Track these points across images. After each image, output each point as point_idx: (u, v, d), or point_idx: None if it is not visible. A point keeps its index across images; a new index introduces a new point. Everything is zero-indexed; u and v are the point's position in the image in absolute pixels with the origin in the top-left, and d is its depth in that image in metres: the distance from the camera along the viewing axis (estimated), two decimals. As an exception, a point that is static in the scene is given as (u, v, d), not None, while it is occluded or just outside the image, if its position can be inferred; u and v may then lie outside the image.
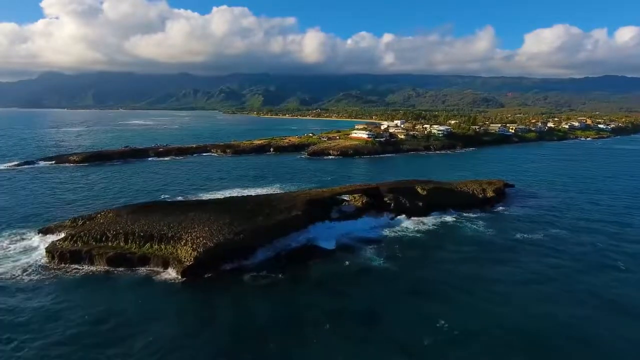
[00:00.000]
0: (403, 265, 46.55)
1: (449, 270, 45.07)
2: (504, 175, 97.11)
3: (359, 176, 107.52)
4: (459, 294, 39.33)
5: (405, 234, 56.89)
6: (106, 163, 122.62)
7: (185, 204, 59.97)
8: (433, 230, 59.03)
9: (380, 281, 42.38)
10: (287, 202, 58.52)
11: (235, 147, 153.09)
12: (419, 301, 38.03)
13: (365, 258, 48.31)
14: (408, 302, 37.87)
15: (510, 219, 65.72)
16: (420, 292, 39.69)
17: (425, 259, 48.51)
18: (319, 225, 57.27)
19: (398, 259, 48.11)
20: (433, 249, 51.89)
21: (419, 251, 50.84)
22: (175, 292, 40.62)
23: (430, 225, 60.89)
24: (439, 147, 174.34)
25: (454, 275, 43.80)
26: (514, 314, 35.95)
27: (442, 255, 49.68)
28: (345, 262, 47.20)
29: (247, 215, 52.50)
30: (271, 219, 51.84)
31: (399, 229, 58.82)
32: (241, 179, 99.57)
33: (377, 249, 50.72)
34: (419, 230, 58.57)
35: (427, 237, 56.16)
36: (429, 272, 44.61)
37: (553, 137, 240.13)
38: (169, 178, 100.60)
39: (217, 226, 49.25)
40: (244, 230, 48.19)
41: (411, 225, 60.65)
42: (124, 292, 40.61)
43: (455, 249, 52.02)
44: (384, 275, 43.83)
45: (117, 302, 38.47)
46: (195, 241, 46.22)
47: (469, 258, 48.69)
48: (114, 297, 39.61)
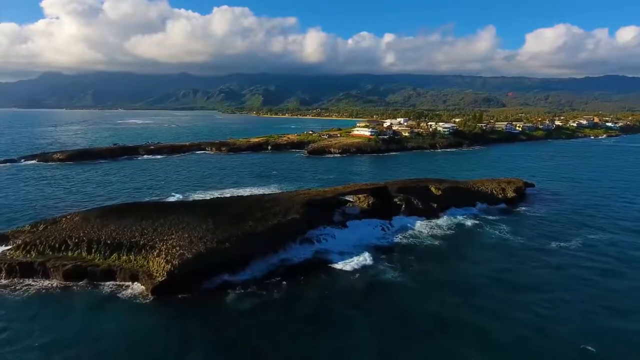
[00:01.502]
0: (421, 280, 38.56)
1: (478, 289, 37.03)
2: (518, 174, 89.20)
3: (363, 175, 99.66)
4: (499, 325, 30.91)
5: (420, 240, 48.91)
6: (92, 161, 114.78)
7: (166, 206, 52.06)
8: (451, 235, 51.05)
9: (395, 305, 34.26)
10: (283, 204, 50.62)
11: (231, 145, 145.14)
12: (445, 337, 29.28)
13: (376, 270, 40.35)
14: (432, 337, 29.41)
15: (537, 222, 57.75)
16: (445, 322, 31.34)
17: (447, 273, 40.51)
18: (321, 231, 49.37)
19: (414, 273, 40.13)
20: (454, 259, 43.92)
21: (438, 262, 42.84)
22: (141, 314, 32.80)
23: (446, 230, 52.94)
24: (445, 145, 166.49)
25: (486, 295, 35.76)
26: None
27: (466, 268, 41.68)
28: (352, 275, 39.25)
29: (235, 219, 44.57)
30: (263, 224, 43.89)
31: (411, 234, 50.85)
32: (235, 178, 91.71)
33: (389, 259, 42.74)
34: (434, 235, 50.57)
35: (445, 244, 48.18)
36: (454, 291, 36.50)
37: (561, 135, 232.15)
38: (157, 177, 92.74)
39: (198, 232, 41.36)
40: (230, 238, 40.26)
41: (425, 229, 52.72)
42: (80, 314, 32.86)
43: (481, 258, 44.07)
44: (399, 296, 35.73)
45: (69, 327, 30.83)
46: (170, 251, 38.30)
47: (499, 272, 40.66)
48: (67, 320, 31.88)
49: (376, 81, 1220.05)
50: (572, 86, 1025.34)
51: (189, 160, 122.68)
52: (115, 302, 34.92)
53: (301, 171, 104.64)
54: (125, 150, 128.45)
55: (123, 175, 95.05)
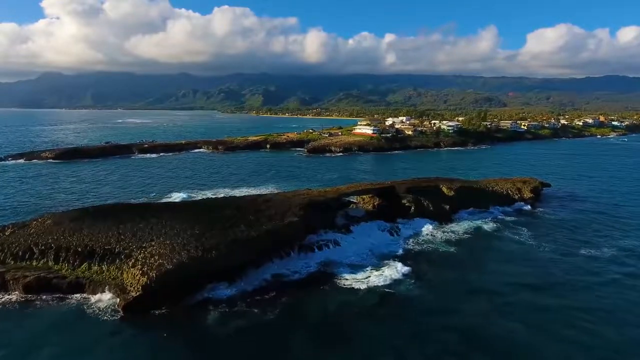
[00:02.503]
0: (439, 293, 33.31)
1: (505, 303, 31.80)
2: (531, 174, 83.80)
3: (366, 174, 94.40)
4: (533, 342, 25.99)
5: (434, 247, 43.58)
6: (82, 160, 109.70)
7: (150, 208, 46.70)
8: (467, 241, 45.71)
9: (416, 321, 29.06)
10: (280, 205, 45.39)
11: (228, 144, 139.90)
12: (476, 355, 24.61)
13: (387, 280, 35.03)
14: (462, 358, 24.49)
15: (560, 225, 52.44)
16: (473, 338, 26.31)
17: (468, 284, 35.21)
18: (322, 236, 44.13)
19: (431, 284, 34.84)
20: (474, 269, 38.59)
21: (457, 272, 37.51)
22: (108, 335, 27.65)
23: (462, 234, 47.63)
24: (450, 144, 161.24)
25: (514, 310, 30.57)
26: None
27: (489, 279, 36.35)
28: (359, 287, 33.96)
29: (225, 224, 39.33)
30: (256, 229, 38.62)
31: (424, 239, 45.54)
32: (230, 178, 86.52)
33: (402, 269, 37.38)
34: (449, 241, 45.24)
35: (462, 251, 42.85)
36: (479, 306, 31.27)
37: (568, 134, 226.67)
38: (148, 177, 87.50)
39: (182, 239, 36.12)
40: (218, 245, 35.00)
41: (438, 233, 47.46)
42: (38, 334, 27.84)
43: (503, 268, 38.74)
44: (416, 312, 30.48)
45: (22, 349, 25.74)
46: (147, 261, 33.05)
47: (525, 284, 35.34)
48: (20, 341, 26.77)
49: (376, 81, 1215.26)
50: (572, 86, 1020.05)
51: (184, 159, 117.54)
52: (80, 320, 29.77)
53: (300, 170, 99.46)
54: (117, 148, 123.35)
55: (113, 174, 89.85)
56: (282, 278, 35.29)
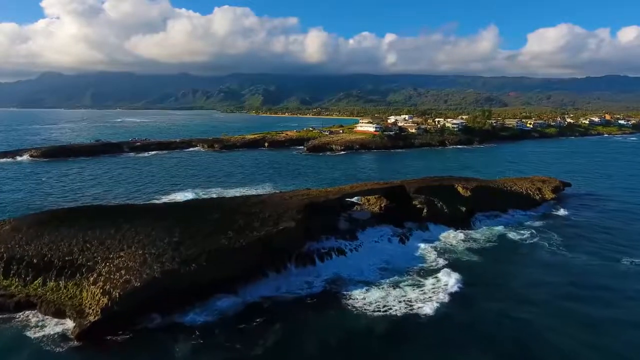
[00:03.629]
0: (476, 316, 27.28)
1: (547, 325, 25.94)
2: (545, 172, 77.97)
3: (369, 173, 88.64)
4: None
5: (456, 256, 37.51)
6: (69, 159, 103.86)
7: (125, 210, 40.87)
8: (492, 250, 39.72)
9: (449, 355, 23.21)
10: (276, 207, 39.58)
11: (225, 142, 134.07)
12: None
13: (403, 303, 29.09)
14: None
15: (591, 229, 46.64)
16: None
17: (502, 302, 29.19)
18: (324, 243, 38.32)
19: (464, 304, 28.55)
20: (507, 283, 32.56)
21: (489, 288, 31.43)
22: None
23: (484, 242, 41.62)
24: (455, 142, 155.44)
25: (559, 333, 24.71)
26: None
27: (525, 295, 30.26)
28: (368, 311, 28.01)
29: (209, 229, 33.52)
30: (246, 236, 32.78)
31: (442, 247, 39.57)
32: (224, 177, 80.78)
33: (418, 284, 31.49)
34: (471, 249, 39.27)
35: (488, 261, 36.85)
36: (519, 327, 25.41)
37: (575, 133, 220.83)
38: (136, 176, 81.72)
39: (157, 248, 30.32)
40: (198, 257, 29.18)
41: (458, 240, 41.54)
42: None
43: (540, 282, 32.80)
44: (456, 344, 24.38)
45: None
46: (112, 276, 27.25)
47: (567, 300, 29.53)
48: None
49: (377, 81, 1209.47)
50: (573, 86, 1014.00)
51: (177, 157, 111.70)
52: (24, 349, 24.01)
53: (300, 169, 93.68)
54: (107, 147, 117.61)
55: (99, 173, 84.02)
56: (275, 298, 29.37)
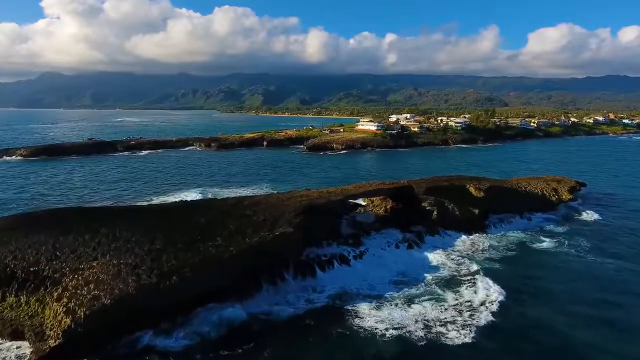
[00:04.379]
0: (507, 346, 23.16)
1: (590, 353, 22.04)
2: (554, 172, 74.19)
3: (372, 173, 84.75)
4: None
5: (475, 267, 32.79)
6: (60, 158, 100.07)
7: (106, 213, 36.99)
8: (514, 258, 35.49)
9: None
10: (272, 210, 35.69)
11: (222, 141, 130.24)
12: None
13: (421, 323, 25.04)
14: None
15: (616, 233, 42.74)
16: None
17: (534, 322, 25.18)
18: (325, 250, 34.45)
19: (489, 330, 24.43)
20: (537, 299, 28.26)
21: (520, 305, 26.90)
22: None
23: (504, 249, 37.38)
24: (459, 141, 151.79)
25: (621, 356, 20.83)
26: None
27: (560, 314, 26.11)
28: (380, 333, 23.97)
29: (194, 235, 29.63)
30: (237, 243, 28.87)
31: (457, 255, 35.48)
32: (218, 177, 76.89)
33: (437, 300, 27.46)
34: (491, 258, 35.10)
35: (512, 273, 32.40)
36: (559, 354, 21.47)
37: (579, 132, 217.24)
38: (127, 176, 77.85)
39: (134, 257, 26.42)
40: (180, 269, 25.25)
41: (473, 247, 37.47)
42: None
43: (575, 298, 28.50)
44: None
45: None
46: (79, 292, 23.34)
47: (612, 319, 25.57)
48: None
49: (377, 81, 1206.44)
50: (573, 86, 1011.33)
51: (172, 157, 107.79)
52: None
53: (299, 169, 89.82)
54: (100, 146, 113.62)
55: (88, 173, 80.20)
56: (270, 315, 25.40)
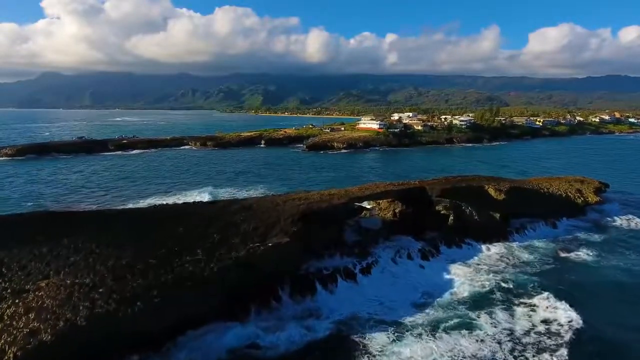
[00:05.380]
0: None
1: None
2: (570, 172, 69.12)
3: (376, 173, 79.76)
4: None
5: (508, 285, 27.50)
6: (47, 157, 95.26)
7: (75, 218, 31.91)
8: (552, 274, 29.67)
9: None
10: (265, 215, 30.68)
11: (218, 140, 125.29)
12: None
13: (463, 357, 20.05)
14: None
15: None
16: None
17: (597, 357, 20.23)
18: (327, 262, 29.44)
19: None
20: (591, 320, 23.40)
21: (573, 343, 21.93)
22: None
23: (538, 262, 31.79)
24: (464, 140, 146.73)
25: None
26: None
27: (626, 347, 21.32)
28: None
29: (171, 247, 24.59)
30: (220, 257, 23.79)
31: (484, 270, 30.15)
32: (210, 178, 71.92)
33: (470, 328, 22.33)
34: (523, 273, 29.76)
35: (553, 288, 27.38)
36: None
37: (586, 131, 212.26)
38: (113, 177, 72.95)
39: (94, 275, 21.41)
40: (147, 292, 20.21)
41: (501, 260, 32.36)
42: None
43: (631, 315, 23.81)
44: None
45: None
46: (15, 323, 18.30)
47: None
48: None
49: (377, 81, 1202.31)
50: (573, 86, 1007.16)
51: (165, 156, 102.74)
52: None
53: (298, 168, 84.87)
54: (91, 144, 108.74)
55: (73, 173, 75.27)
56: (259, 349, 20.34)
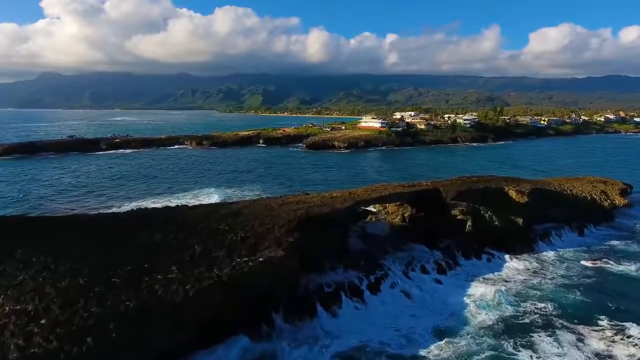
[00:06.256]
0: None
1: None
2: (584, 172, 64.94)
3: (380, 173, 75.52)
4: None
5: (547, 309, 22.61)
6: (35, 156, 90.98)
7: (38, 225, 27.45)
8: (595, 290, 25.15)
9: None
10: (257, 222, 26.27)
11: (215, 139, 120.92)
12: None
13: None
14: None
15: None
16: None
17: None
18: (329, 277, 25.08)
19: None
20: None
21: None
22: None
23: (575, 277, 27.03)
24: (468, 139, 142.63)
25: None
26: None
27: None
28: None
29: (141, 262, 20.18)
30: (199, 276, 19.37)
31: (512, 288, 25.50)
32: (206, 179, 67.60)
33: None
34: (561, 290, 25.31)
35: (606, 313, 23.08)
36: None
37: (591, 130, 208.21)
38: (100, 177, 68.68)
39: (37, 301, 17.00)
40: (102, 323, 15.80)
41: (529, 275, 27.94)
42: None
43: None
44: None
45: None
46: None
47: None
48: None
49: (377, 81, 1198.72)
50: (574, 86, 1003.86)
51: (158, 156, 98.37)
52: None
53: (297, 168, 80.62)
54: (81, 143, 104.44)
55: (59, 173, 71.06)
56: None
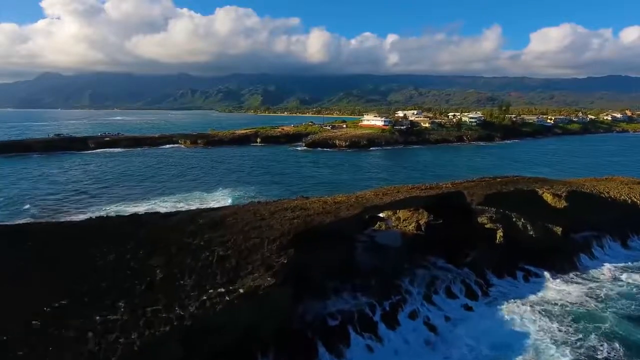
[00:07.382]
0: None
1: None
2: (601, 172, 59.75)
3: (385, 174, 70.20)
4: None
5: (619, 351, 17.99)
6: (18, 156, 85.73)
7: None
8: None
9: None
10: (241, 236, 20.89)
11: (210, 138, 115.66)
12: None
13: None
14: None
15: None
16: None
17: None
18: (333, 306, 19.68)
19: None
20: None
21: None
22: None
23: (631, 300, 22.60)
24: (475, 138, 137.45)
25: None
26: None
27: None
28: None
29: (80, 295, 14.78)
30: (150, 320, 14.00)
31: (565, 318, 20.20)
32: (194, 180, 62.27)
33: None
34: (626, 320, 20.33)
35: None
36: None
37: (599, 129, 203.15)
38: (81, 179, 63.41)
39: None
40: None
41: (581, 298, 22.59)
42: None
43: None
44: None
45: None
46: None
47: None
48: None
49: (377, 81, 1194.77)
50: (574, 86, 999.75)
51: (149, 155, 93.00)
52: None
53: (296, 169, 75.30)
54: (68, 142, 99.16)
55: (35, 175, 65.80)
56: None
